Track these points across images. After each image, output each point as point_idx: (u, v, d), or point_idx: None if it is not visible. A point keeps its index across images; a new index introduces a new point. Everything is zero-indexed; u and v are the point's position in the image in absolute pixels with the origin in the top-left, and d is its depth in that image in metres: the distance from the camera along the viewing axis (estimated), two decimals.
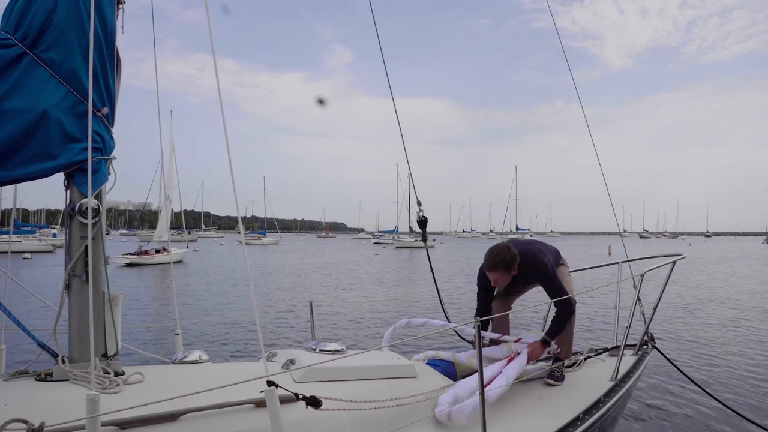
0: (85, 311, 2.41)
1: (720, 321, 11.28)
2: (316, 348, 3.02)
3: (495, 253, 3.47)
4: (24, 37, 2.33)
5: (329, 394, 2.41)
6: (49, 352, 2.47)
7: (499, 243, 3.56)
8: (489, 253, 3.50)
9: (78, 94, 2.42)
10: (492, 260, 3.46)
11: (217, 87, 2.21)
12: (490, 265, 3.48)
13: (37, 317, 10.06)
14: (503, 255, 3.45)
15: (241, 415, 2.19)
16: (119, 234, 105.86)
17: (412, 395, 2.75)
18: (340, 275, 23.89)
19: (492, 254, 3.48)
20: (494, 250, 3.50)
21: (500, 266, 3.45)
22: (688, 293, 16.34)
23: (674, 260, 4.10)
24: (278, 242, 74.76)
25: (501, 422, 2.78)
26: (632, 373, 3.75)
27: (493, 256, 3.47)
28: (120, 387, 2.27)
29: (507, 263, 3.45)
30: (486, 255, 3.51)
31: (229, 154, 2.25)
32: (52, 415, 1.98)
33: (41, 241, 43.35)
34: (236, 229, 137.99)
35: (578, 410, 2.94)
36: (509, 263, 3.45)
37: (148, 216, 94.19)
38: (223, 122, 2.22)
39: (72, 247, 2.47)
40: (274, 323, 10.96)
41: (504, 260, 3.44)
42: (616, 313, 4.55)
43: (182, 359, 2.79)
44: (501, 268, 3.46)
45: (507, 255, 3.45)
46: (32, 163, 2.34)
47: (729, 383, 6.54)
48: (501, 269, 3.46)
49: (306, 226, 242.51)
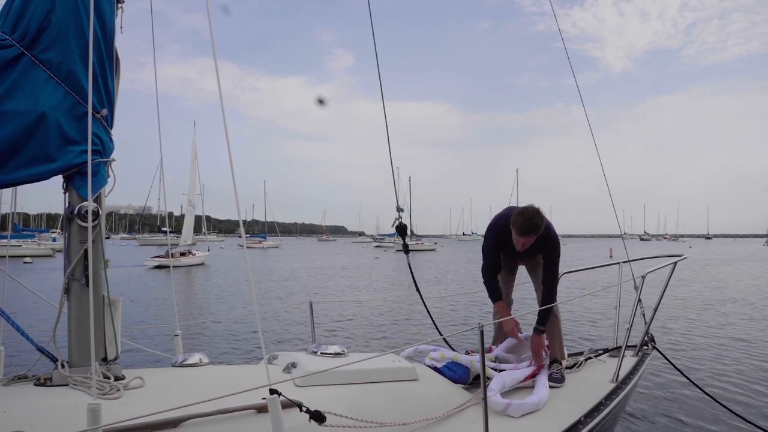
0: (84, 315, 2.39)
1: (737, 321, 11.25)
2: (317, 351, 2.99)
3: (529, 217, 3.31)
4: (22, 37, 2.31)
5: (331, 399, 2.39)
6: (48, 356, 2.45)
7: (526, 207, 3.40)
8: (522, 218, 3.32)
9: (77, 96, 2.40)
10: (528, 224, 3.30)
11: (219, 91, 2.19)
12: (525, 229, 3.31)
13: (37, 322, 10.03)
14: (537, 219, 3.31)
15: (242, 421, 2.16)
16: (119, 238, 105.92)
17: (417, 402, 2.72)
18: (342, 278, 23.87)
19: (526, 218, 3.31)
20: (526, 213, 3.33)
21: (534, 230, 3.31)
22: (710, 294, 16.43)
23: (675, 261, 4.09)
24: (279, 246, 74.72)
25: (502, 425, 2.76)
26: (633, 374, 3.73)
27: (528, 220, 3.30)
28: (120, 392, 2.24)
29: (539, 227, 3.32)
30: (519, 219, 3.33)
31: (231, 158, 2.23)
32: (52, 423, 1.95)
33: (40, 245, 43.31)
34: (237, 232, 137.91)
35: (580, 413, 2.93)
36: (539, 227, 3.32)
37: (148, 220, 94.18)
38: (224, 127, 2.20)
39: (71, 251, 2.45)
40: (277, 323, 10.98)
41: (539, 225, 3.31)
42: (616, 314, 4.53)
43: (182, 362, 2.76)
44: (534, 232, 3.32)
45: (540, 219, 3.33)
46: (30, 166, 2.32)
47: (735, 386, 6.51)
48: (534, 233, 3.33)
49: (306, 230, 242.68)
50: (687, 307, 13.55)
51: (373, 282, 22.54)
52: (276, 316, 11.83)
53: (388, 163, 3.85)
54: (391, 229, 4.36)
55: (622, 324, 4.31)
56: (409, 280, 3.90)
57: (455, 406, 2.90)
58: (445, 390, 3.03)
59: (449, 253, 53.24)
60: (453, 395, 3.01)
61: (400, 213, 3.90)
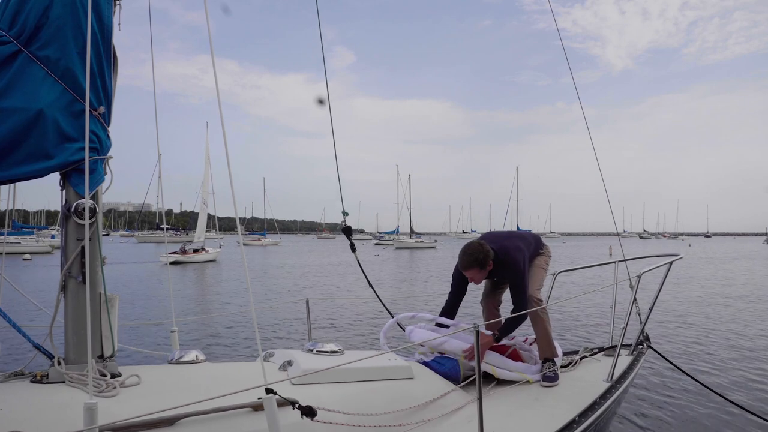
0: (81, 312, 2.39)
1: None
2: (313, 349, 3.00)
3: (468, 253, 3.53)
4: (19, 34, 2.30)
5: (326, 397, 2.39)
6: (44, 353, 2.45)
7: (472, 242, 3.61)
8: (462, 253, 3.56)
9: (74, 93, 2.40)
10: (465, 260, 3.53)
11: (216, 89, 2.19)
12: (463, 264, 3.55)
13: (34, 319, 10.04)
14: (476, 254, 3.50)
15: (238, 419, 2.17)
16: (119, 235, 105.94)
17: (412, 400, 2.73)
18: (340, 275, 23.88)
19: (465, 254, 3.54)
20: (467, 249, 3.55)
21: (474, 265, 3.52)
22: (718, 291, 16.54)
23: (671, 261, 4.11)
24: (278, 243, 74.72)
25: (497, 423, 2.77)
26: (628, 373, 3.75)
27: (466, 256, 3.53)
28: (117, 390, 2.24)
29: (480, 261, 3.51)
30: (460, 254, 3.57)
31: (228, 157, 2.24)
32: (49, 420, 1.96)
33: (38, 242, 43.28)
34: (236, 230, 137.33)
35: (574, 413, 2.94)
36: (482, 261, 3.51)
37: (147, 217, 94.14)
38: (222, 126, 2.20)
39: (68, 248, 2.45)
40: (274, 320, 11.01)
41: (477, 259, 3.50)
42: (612, 313, 4.55)
43: (179, 359, 2.76)
44: (475, 266, 3.52)
45: (480, 254, 3.50)
46: (28, 163, 2.32)
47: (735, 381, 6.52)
48: (475, 267, 3.52)
49: (306, 227, 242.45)
50: (700, 303, 13.56)
51: (372, 279, 22.52)
52: (273, 313, 11.86)
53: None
54: (392, 227, 4.58)
55: (617, 323, 4.32)
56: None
57: (450, 404, 2.91)
58: (441, 388, 3.03)
59: (449, 251, 53.24)
60: (448, 394, 3.02)
61: (345, 216, 4.20)
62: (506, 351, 3.62)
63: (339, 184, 4.05)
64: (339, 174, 3.98)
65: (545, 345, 3.66)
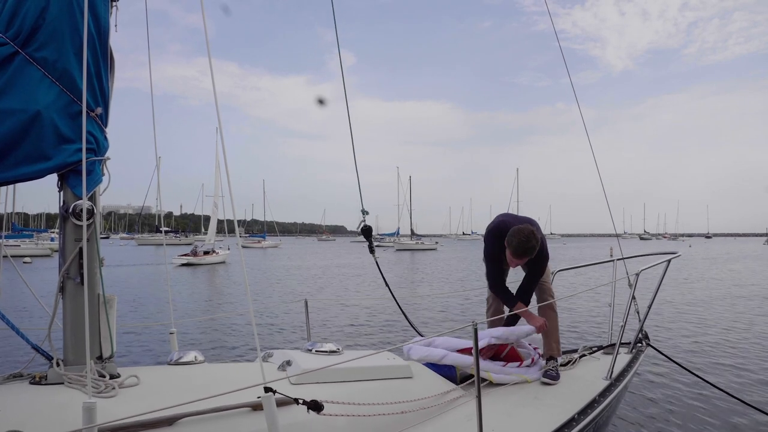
0: (79, 313, 2.39)
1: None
2: (312, 349, 3.01)
3: (525, 240, 3.44)
4: (16, 35, 2.30)
5: (326, 397, 2.39)
6: (43, 354, 2.45)
7: (522, 228, 3.50)
8: (518, 240, 3.46)
9: (71, 94, 2.39)
10: (523, 248, 3.45)
11: (213, 91, 2.20)
12: (519, 252, 3.47)
13: (33, 320, 10.04)
14: (533, 242, 3.46)
15: (237, 419, 2.17)
16: (119, 238, 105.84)
17: (412, 400, 2.73)
18: (340, 277, 23.88)
19: (522, 241, 3.45)
20: (522, 236, 3.46)
21: (528, 254, 3.49)
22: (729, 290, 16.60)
23: (669, 258, 4.12)
24: (278, 245, 74.68)
25: (496, 422, 2.77)
26: (627, 371, 3.76)
27: (524, 243, 3.44)
28: (116, 391, 2.24)
29: (534, 251, 3.49)
30: (514, 241, 3.47)
31: (225, 158, 2.24)
32: (48, 421, 1.96)
33: (38, 245, 43.26)
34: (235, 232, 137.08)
35: (573, 411, 2.94)
36: (535, 250, 3.50)
37: (148, 220, 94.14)
38: (219, 129, 2.21)
39: (66, 249, 2.45)
40: (273, 320, 11.02)
41: (534, 248, 3.48)
42: (611, 312, 4.55)
43: (178, 360, 2.77)
44: (528, 255, 3.50)
45: (536, 242, 3.47)
46: (25, 165, 2.31)
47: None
48: (528, 256, 3.50)
49: (306, 229, 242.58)
50: (706, 303, 13.56)
51: (372, 280, 22.55)
52: (271, 314, 11.87)
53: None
54: (392, 228, 4.43)
55: (616, 321, 4.33)
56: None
57: (449, 403, 2.91)
58: (440, 387, 3.04)
59: (450, 253, 53.22)
60: (447, 392, 3.02)
61: (365, 215, 4.00)
62: (504, 350, 3.62)
63: (358, 183, 3.86)
64: (358, 173, 3.84)
65: (553, 342, 3.67)
